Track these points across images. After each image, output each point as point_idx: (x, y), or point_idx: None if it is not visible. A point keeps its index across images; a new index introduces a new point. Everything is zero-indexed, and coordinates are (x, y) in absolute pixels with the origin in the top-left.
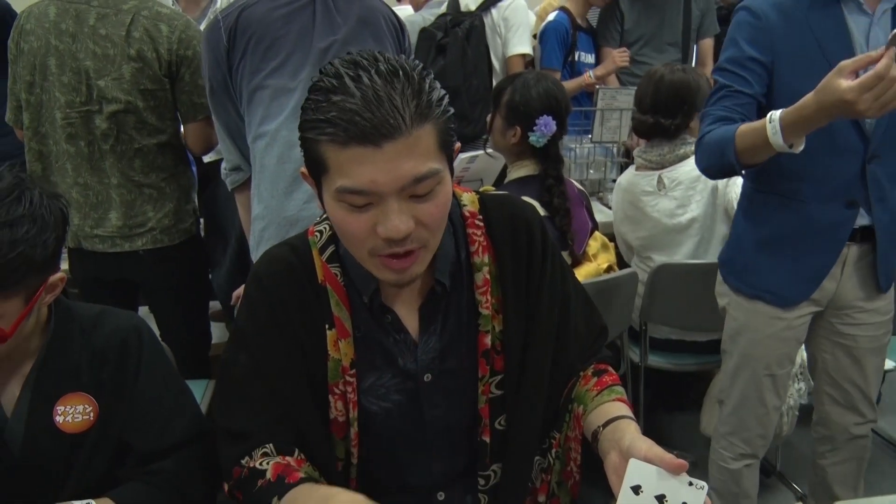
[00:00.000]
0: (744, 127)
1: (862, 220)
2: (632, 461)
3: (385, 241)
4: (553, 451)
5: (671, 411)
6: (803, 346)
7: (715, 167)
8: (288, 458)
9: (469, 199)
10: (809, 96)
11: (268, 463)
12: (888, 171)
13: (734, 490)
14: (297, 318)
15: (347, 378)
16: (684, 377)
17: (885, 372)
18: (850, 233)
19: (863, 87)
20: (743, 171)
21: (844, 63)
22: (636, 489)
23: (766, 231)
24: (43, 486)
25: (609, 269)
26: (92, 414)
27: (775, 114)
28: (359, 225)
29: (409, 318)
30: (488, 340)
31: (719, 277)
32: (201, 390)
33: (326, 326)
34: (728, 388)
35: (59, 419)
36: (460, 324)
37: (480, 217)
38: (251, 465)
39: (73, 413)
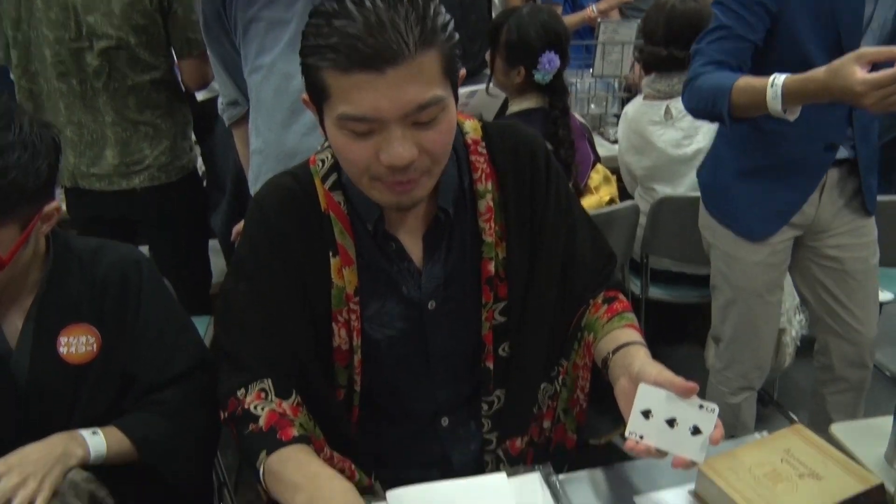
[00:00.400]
0: (741, 83)
1: (840, 154)
2: (642, 385)
3: (388, 169)
4: (560, 378)
5: (671, 344)
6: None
7: (703, 112)
8: (284, 404)
9: (471, 127)
10: (819, 71)
11: (262, 409)
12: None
13: (732, 422)
14: (299, 246)
15: (351, 306)
16: (685, 310)
17: (882, 304)
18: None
19: (876, 83)
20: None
21: (866, 51)
22: (646, 413)
23: (744, 162)
24: (50, 418)
25: (611, 201)
26: (95, 345)
27: (779, 79)
28: (361, 152)
29: (413, 246)
30: (492, 267)
31: (702, 209)
32: (203, 327)
33: (330, 254)
34: (721, 324)
35: (62, 350)
36: (464, 251)
37: (483, 144)
38: (246, 403)
39: (77, 344)
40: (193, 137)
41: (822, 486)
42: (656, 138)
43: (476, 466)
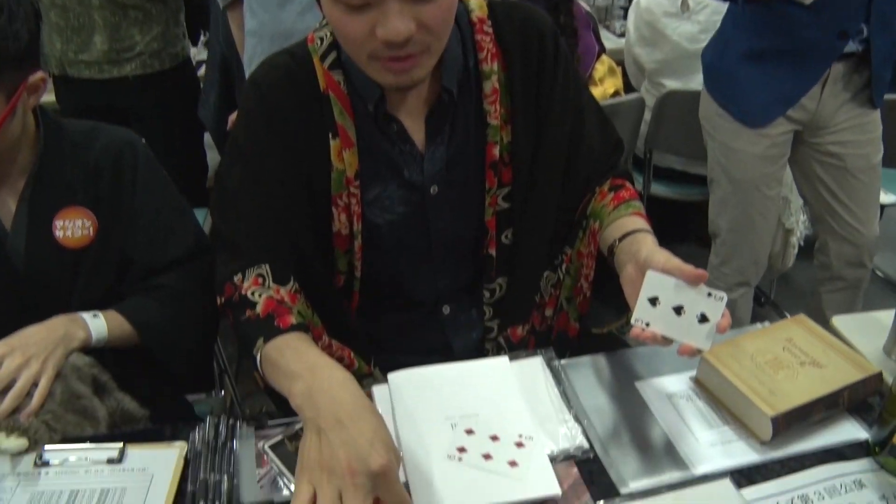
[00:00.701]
0: None
1: (849, 48)
2: (649, 272)
3: (384, 45)
4: (564, 266)
5: (671, 243)
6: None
7: None
8: (282, 290)
9: (477, 4)
10: None
11: (260, 295)
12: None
13: None
14: (297, 128)
15: (352, 189)
16: (687, 209)
17: (883, 207)
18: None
19: None
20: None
21: None
22: (653, 301)
23: (751, 44)
24: (48, 301)
25: (615, 93)
26: (91, 229)
27: None
28: (357, 27)
29: (415, 129)
30: (496, 151)
31: (703, 95)
32: (199, 219)
33: (330, 136)
34: (717, 219)
35: (58, 234)
36: (468, 134)
37: (489, 23)
38: (243, 289)
39: (73, 228)
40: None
41: (822, 373)
42: (670, 31)
43: (477, 354)
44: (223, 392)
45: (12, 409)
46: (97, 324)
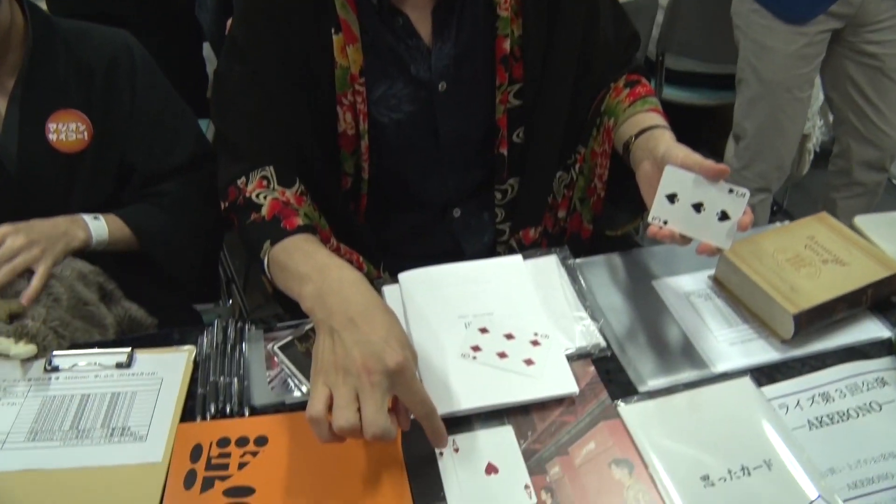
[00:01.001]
0: None
1: None
2: (667, 168)
3: None
4: (577, 166)
5: None
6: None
7: None
8: (288, 192)
9: None
10: None
11: (265, 197)
12: None
13: None
14: (297, 22)
15: (357, 87)
16: (699, 114)
17: None
18: None
19: None
20: None
21: None
22: (671, 197)
23: None
24: (47, 208)
25: None
26: (86, 133)
27: None
28: None
29: (422, 23)
30: (507, 45)
31: None
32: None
33: (333, 31)
34: (744, 121)
35: (51, 137)
36: (477, 28)
37: None
38: (247, 191)
39: (66, 131)
40: None
41: (845, 271)
42: None
43: (489, 258)
44: (231, 301)
45: (5, 282)
46: (98, 225)
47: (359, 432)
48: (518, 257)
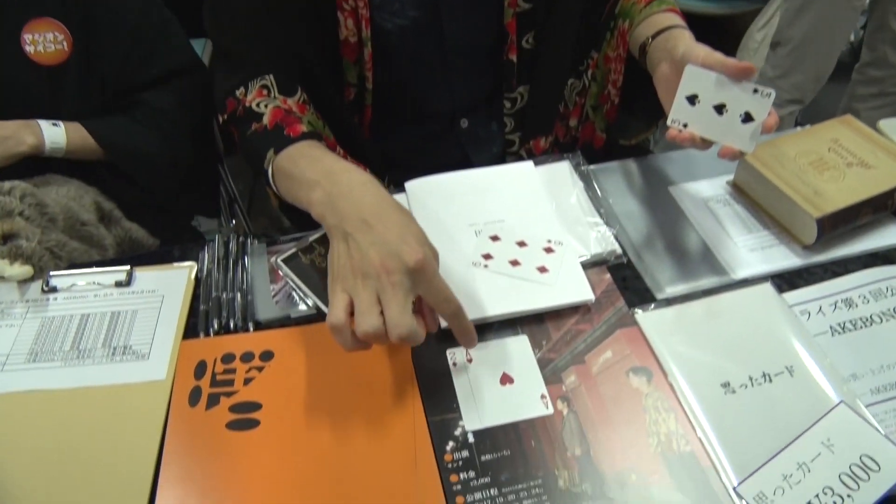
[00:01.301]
0: None
1: None
2: (688, 67)
3: None
4: (589, 72)
5: None
6: None
7: None
8: (290, 101)
9: None
10: None
11: (266, 106)
12: None
13: None
14: None
15: None
16: (706, 24)
17: None
18: None
19: None
20: None
21: None
22: (692, 99)
23: None
24: None
25: None
26: (65, 44)
27: None
28: None
29: None
30: None
31: None
32: (198, 50)
33: None
34: (789, 28)
35: (28, 49)
36: None
37: None
38: (247, 101)
39: (44, 42)
40: None
41: (870, 174)
42: None
43: None
44: (234, 222)
45: None
46: (55, 132)
47: (384, 336)
48: (529, 163)
